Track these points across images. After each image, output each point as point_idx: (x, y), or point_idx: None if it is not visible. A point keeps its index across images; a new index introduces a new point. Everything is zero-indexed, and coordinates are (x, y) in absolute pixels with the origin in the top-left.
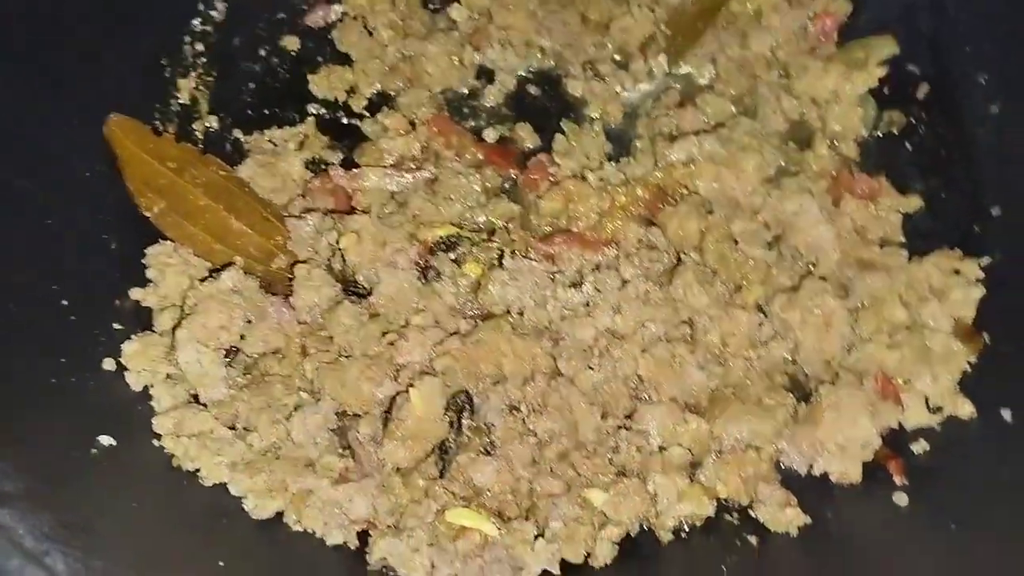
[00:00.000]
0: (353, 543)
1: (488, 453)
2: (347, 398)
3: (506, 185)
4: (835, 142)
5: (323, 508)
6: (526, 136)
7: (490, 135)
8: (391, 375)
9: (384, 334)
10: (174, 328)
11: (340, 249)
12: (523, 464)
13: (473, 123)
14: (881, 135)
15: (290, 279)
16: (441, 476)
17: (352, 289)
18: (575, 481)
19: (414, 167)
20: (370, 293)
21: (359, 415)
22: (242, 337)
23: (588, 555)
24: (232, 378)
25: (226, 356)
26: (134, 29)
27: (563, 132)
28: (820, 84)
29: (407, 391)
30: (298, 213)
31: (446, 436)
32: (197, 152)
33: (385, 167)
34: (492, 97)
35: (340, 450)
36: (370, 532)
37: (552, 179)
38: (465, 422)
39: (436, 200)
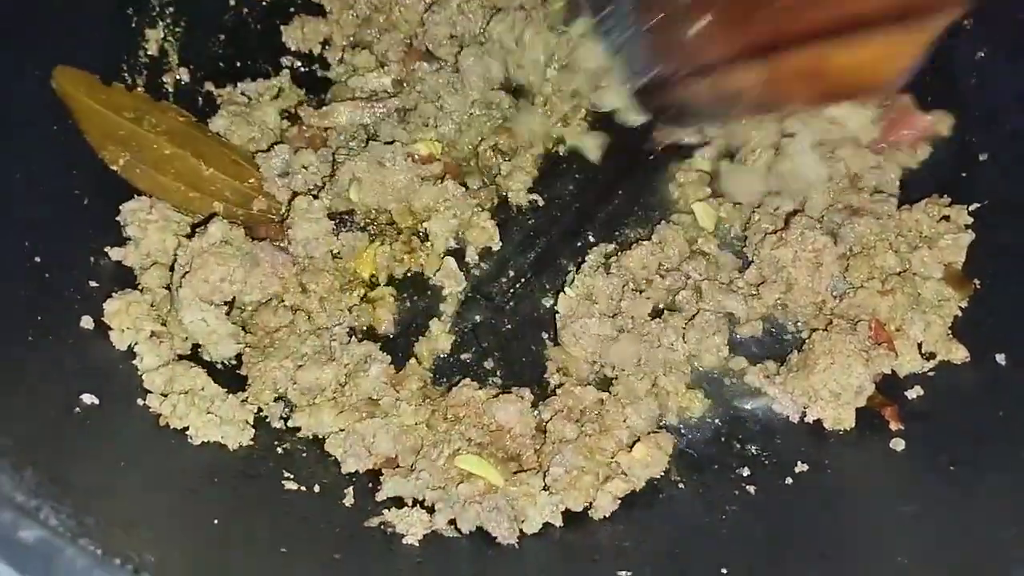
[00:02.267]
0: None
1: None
2: None
3: None
4: None
5: (346, 438)
6: None
7: None
8: None
9: None
10: (167, 287)
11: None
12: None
13: None
14: None
15: (272, 219)
16: None
17: (345, 218)
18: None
19: (387, 96)
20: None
21: None
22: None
23: (589, 506)
24: (239, 335)
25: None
26: None
27: None
28: None
29: None
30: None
31: None
32: (151, 99)
33: (356, 100)
34: None
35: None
36: (383, 471)
37: None
38: None
39: (408, 127)
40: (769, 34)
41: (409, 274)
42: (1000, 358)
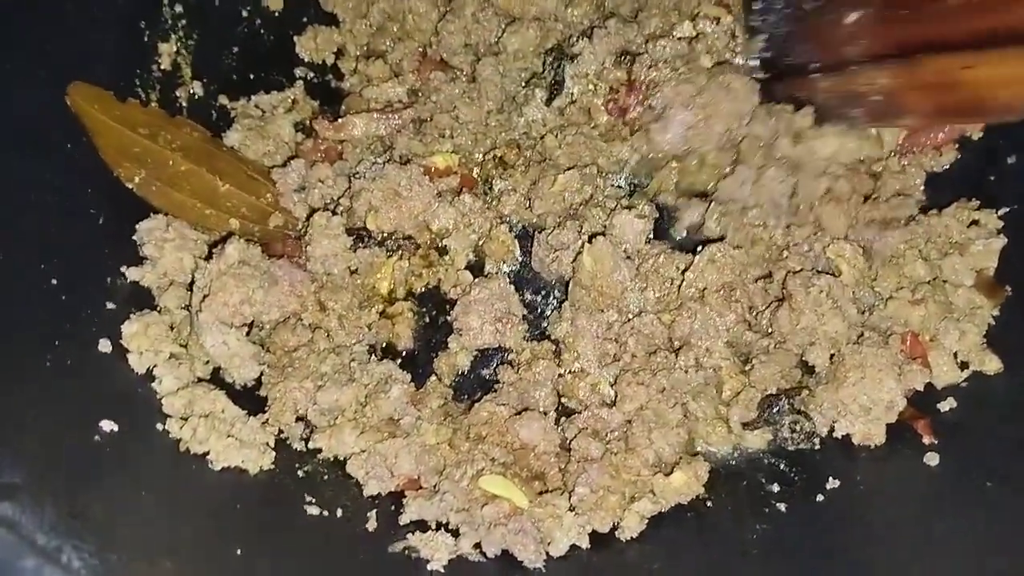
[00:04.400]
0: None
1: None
2: None
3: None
4: None
5: (368, 459)
6: None
7: None
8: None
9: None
10: (185, 307)
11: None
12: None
13: None
14: None
15: (289, 235)
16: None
17: (363, 234)
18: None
19: (401, 107)
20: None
21: None
22: None
23: (615, 526)
24: (260, 355)
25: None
26: None
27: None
28: None
29: None
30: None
31: None
32: (166, 115)
33: (371, 111)
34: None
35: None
36: (405, 493)
37: None
38: None
39: (424, 139)
40: (923, 35)
41: (427, 288)
42: None
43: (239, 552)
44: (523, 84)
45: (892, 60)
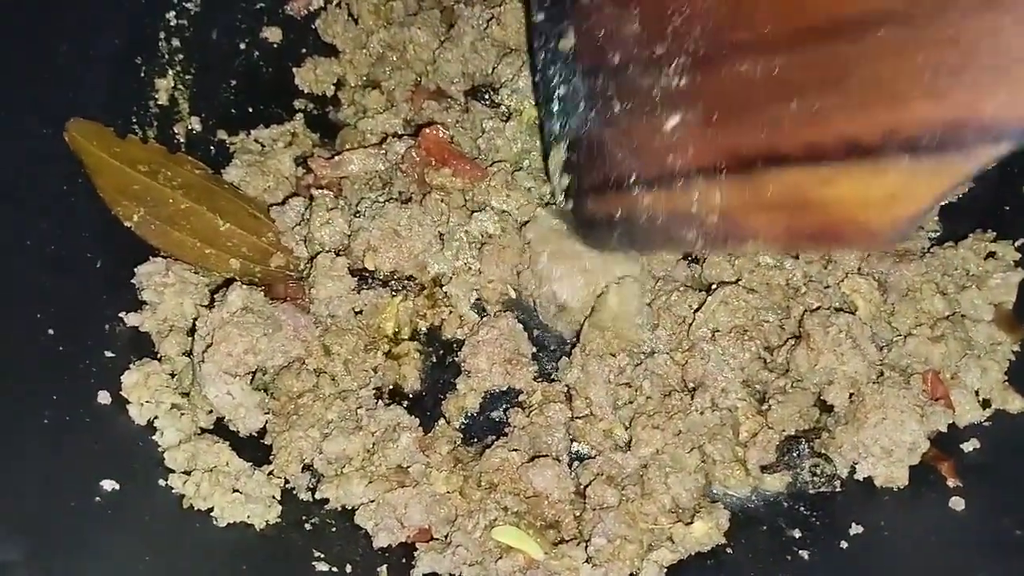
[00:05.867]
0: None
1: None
2: None
3: None
4: None
5: (377, 510)
6: None
7: None
8: None
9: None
10: (186, 354)
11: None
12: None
13: None
14: None
15: (290, 276)
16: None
17: (366, 275)
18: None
19: (396, 140)
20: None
21: None
22: None
23: None
24: (264, 403)
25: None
26: (101, 26)
27: None
28: None
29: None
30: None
31: None
32: (166, 152)
33: (366, 147)
34: None
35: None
36: (416, 545)
37: None
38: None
39: None
40: (763, 144)
41: (433, 328)
42: None
43: None
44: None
45: (729, 173)
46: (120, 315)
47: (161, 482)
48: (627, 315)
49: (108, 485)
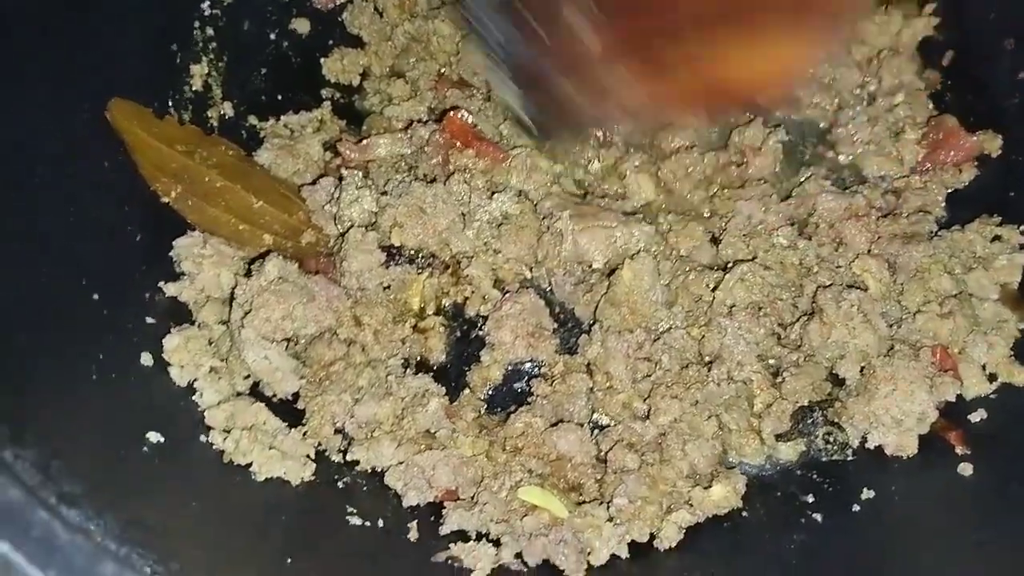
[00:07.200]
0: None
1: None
2: None
3: None
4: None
5: (406, 471)
6: None
7: None
8: None
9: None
10: (223, 322)
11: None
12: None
13: None
14: None
15: (320, 252)
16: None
17: (394, 251)
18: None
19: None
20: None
21: None
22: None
23: (653, 537)
24: (299, 368)
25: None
26: (140, 13)
27: None
28: (881, 30)
29: None
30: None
31: None
32: (202, 133)
33: (392, 132)
34: None
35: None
36: (444, 504)
37: None
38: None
39: None
40: (655, 24)
41: (457, 304)
42: None
43: (289, 562)
44: None
45: (634, 54)
46: (159, 284)
47: (202, 438)
48: (641, 289)
49: (154, 437)
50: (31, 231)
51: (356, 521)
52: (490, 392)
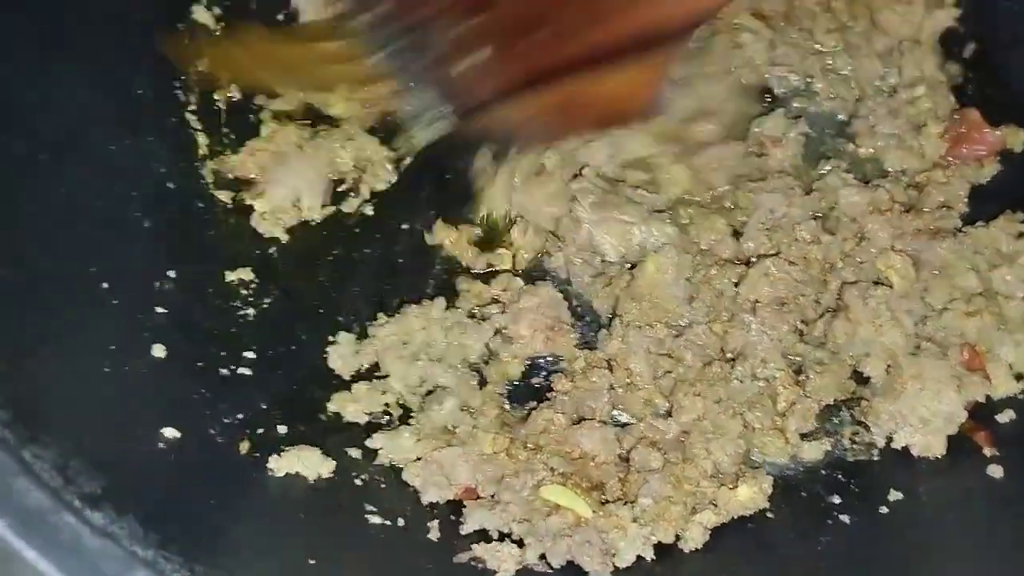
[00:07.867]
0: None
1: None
2: None
3: None
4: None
5: (424, 467)
6: None
7: None
8: None
9: None
10: None
11: None
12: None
13: None
14: None
15: None
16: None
17: None
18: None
19: None
20: None
21: None
22: None
23: (678, 537)
24: None
25: None
26: None
27: None
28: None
29: None
30: None
31: None
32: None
33: None
34: None
35: None
36: (464, 503)
37: None
38: None
39: None
40: (528, 70)
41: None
42: None
43: (311, 562)
44: None
45: (521, 94)
46: (168, 273)
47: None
48: (664, 284)
49: (169, 433)
50: (35, 219)
51: (376, 520)
52: (509, 388)
